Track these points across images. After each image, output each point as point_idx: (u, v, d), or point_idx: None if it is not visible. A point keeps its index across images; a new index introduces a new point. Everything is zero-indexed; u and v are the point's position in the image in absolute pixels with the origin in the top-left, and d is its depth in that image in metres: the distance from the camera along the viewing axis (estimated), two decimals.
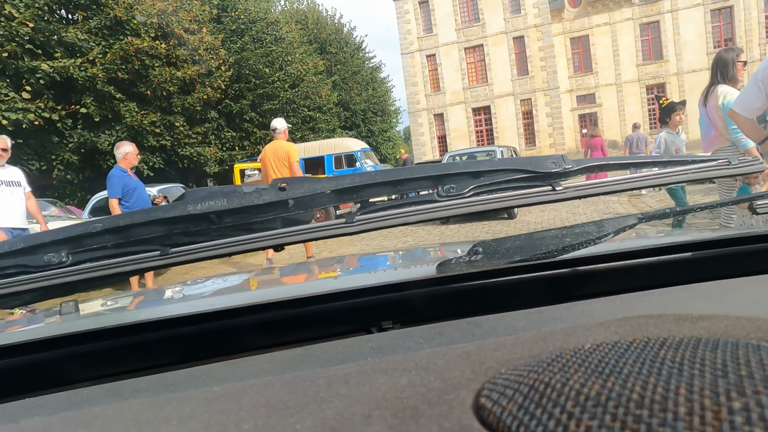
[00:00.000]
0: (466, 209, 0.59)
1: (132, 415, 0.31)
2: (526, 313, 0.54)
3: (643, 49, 27.58)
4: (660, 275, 0.66)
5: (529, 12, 27.49)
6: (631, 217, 0.75)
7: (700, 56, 26.52)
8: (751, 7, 25.40)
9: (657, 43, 27.35)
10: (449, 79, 29.19)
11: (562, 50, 28.50)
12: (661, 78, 27.26)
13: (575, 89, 28.95)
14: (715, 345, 0.26)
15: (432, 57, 29.57)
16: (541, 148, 27.55)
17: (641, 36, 27.54)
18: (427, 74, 29.72)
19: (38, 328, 0.84)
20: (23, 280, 0.54)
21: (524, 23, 27.60)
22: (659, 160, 0.70)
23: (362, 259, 1.51)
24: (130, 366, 0.58)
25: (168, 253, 0.56)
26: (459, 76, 29.03)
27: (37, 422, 0.33)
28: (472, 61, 28.99)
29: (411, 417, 0.25)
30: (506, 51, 27.96)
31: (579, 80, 28.91)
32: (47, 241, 0.57)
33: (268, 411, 0.28)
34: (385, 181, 0.61)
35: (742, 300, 0.51)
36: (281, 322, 0.62)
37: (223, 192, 0.60)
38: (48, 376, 0.57)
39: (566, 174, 0.62)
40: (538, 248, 0.70)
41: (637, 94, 27.81)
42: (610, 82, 28.21)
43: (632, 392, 0.21)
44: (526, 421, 0.21)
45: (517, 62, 28.00)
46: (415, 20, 29.45)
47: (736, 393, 0.20)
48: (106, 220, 0.59)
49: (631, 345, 0.27)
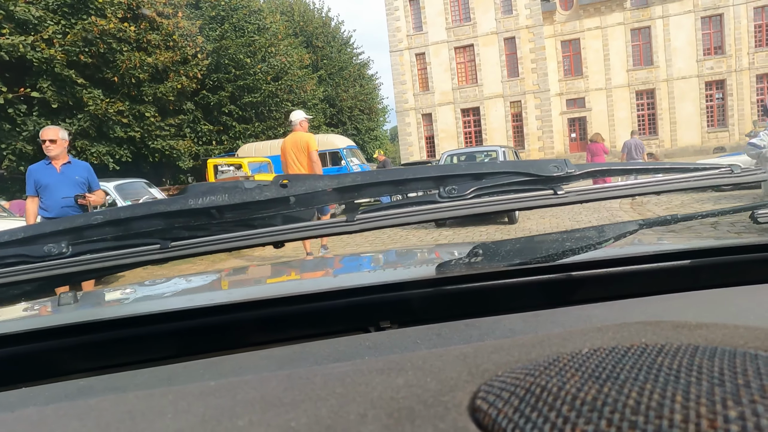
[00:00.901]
0: (468, 211, 0.59)
1: (127, 408, 0.31)
2: (523, 316, 0.55)
3: (633, 54, 27.46)
4: (659, 282, 0.67)
5: (521, 13, 27.09)
6: (632, 223, 0.76)
7: (689, 63, 26.50)
8: (740, 15, 25.46)
9: (648, 49, 27.25)
10: (438, 79, 28.68)
11: (553, 53, 28.19)
12: (651, 84, 27.17)
13: (565, 93, 28.68)
14: (713, 353, 0.26)
15: (421, 55, 28.99)
16: (530, 151, 27.17)
17: (632, 41, 27.41)
18: (415, 73, 29.14)
19: (36, 318, 0.84)
20: (23, 270, 0.54)
21: (516, 24, 27.20)
22: (662, 166, 0.70)
23: (361, 258, 1.50)
24: (127, 358, 0.59)
25: (168, 246, 0.56)
26: (448, 76, 28.52)
27: (32, 412, 0.33)
28: (462, 61, 28.52)
29: (406, 417, 0.25)
30: (497, 52, 27.53)
31: (569, 84, 28.65)
32: (47, 232, 0.58)
33: (263, 407, 0.28)
34: (387, 181, 0.62)
35: (740, 309, 0.52)
36: (279, 319, 0.62)
37: (224, 187, 0.61)
38: (45, 366, 0.58)
39: (568, 178, 0.62)
40: (538, 252, 0.70)
41: (626, 100, 27.66)
42: (600, 87, 28.01)
43: (628, 398, 0.21)
44: (522, 424, 0.21)
45: (507, 63, 27.59)
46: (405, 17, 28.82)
47: (732, 402, 0.20)
48: (107, 212, 0.60)
49: (629, 351, 0.27)
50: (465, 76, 28.57)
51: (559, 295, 0.66)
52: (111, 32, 12.08)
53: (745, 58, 25.59)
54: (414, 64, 29.12)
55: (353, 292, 0.64)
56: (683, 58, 26.51)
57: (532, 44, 27.01)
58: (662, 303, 0.55)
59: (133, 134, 13.48)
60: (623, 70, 27.60)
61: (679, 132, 26.86)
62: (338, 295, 0.64)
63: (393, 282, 0.65)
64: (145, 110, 13.46)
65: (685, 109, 26.68)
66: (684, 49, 26.47)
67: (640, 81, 27.39)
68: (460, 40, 28.12)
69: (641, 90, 27.48)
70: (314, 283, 1.02)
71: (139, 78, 13.10)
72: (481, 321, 0.54)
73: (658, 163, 0.75)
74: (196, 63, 14.94)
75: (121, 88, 13.02)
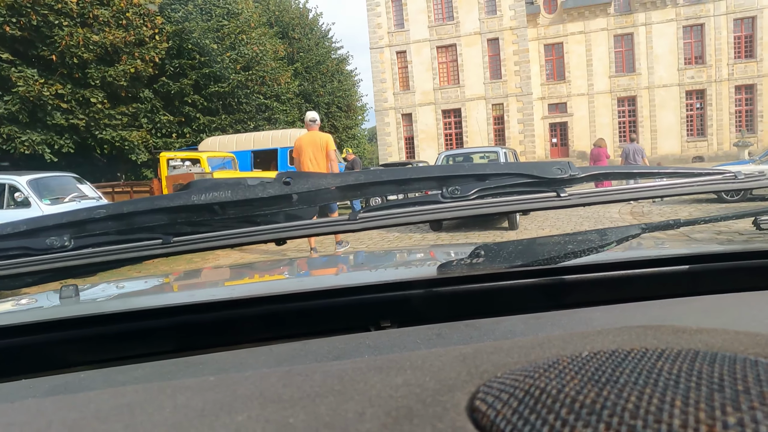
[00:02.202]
0: (471, 211, 0.59)
1: (126, 401, 0.31)
2: (524, 318, 0.55)
3: (616, 60, 27.27)
4: (660, 287, 0.67)
5: (505, 14, 26.51)
6: (635, 227, 0.75)
7: (671, 71, 26.47)
8: (721, 26, 25.57)
9: (630, 56, 27.11)
10: (419, 78, 27.85)
11: (536, 56, 27.73)
12: (633, 91, 27.02)
13: (547, 97, 28.26)
14: (713, 358, 0.26)
15: (402, 54, 28.08)
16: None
17: (615, 47, 27.22)
18: (396, 71, 28.22)
19: (38, 311, 0.84)
20: (25, 263, 0.55)
21: (499, 25, 26.60)
22: (665, 171, 0.70)
23: (363, 257, 1.52)
24: (128, 352, 0.59)
25: (170, 241, 0.56)
26: (430, 76, 27.72)
27: (31, 403, 0.33)
28: (444, 60, 27.77)
29: (405, 416, 0.25)
30: (480, 52, 26.87)
31: (551, 88, 28.25)
32: (50, 225, 0.58)
33: (262, 403, 0.28)
34: (390, 180, 0.62)
35: (741, 315, 0.52)
36: (279, 316, 0.63)
37: (227, 183, 0.61)
38: (45, 358, 0.58)
39: (572, 181, 0.62)
40: (540, 254, 0.70)
41: (608, 106, 27.43)
42: (582, 92, 27.71)
43: (627, 402, 0.21)
44: (520, 426, 0.21)
45: (490, 65, 26.97)
46: (386, 14, 27.86)
47: (731, 408, 0.20)
48: (110, 206, 0.59)
49: (629, 355, 0.27)
50: (447, 76, 27.86)
51: (560, 298, 0.66)
52: (47, 3, 10.43)
53: (724, 69, 25.71)
54: (394, 62, 28.21)
55: (354, 291, 0.64)
56: (665, 66, 26.48)
57: (515, 46, 26.46)
58: (663, 307, 0.56)
59: (76, 122, 11.79)
60: (605, 76, 27.39)
61: (659, 140, 26.79)
62: (339, 294, 0.64)
63: (394, 281, 0.65)
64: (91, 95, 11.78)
65: (665, 118, 26.63)
66: (666, 58, 26.44)
67: (622, 88, 27.22)
68: (443, 39, 27.38)
69: (623, 97, 27.32)
70: (315, 281, 1.03)
71: (84, 58, 11.44)
72: (482, 322, 0.54)
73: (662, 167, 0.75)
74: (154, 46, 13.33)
75: (60, 68, 11.34)
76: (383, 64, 28.31)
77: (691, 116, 26.76)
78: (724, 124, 25.96)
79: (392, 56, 28.20)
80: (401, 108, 28.39)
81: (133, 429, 0.26)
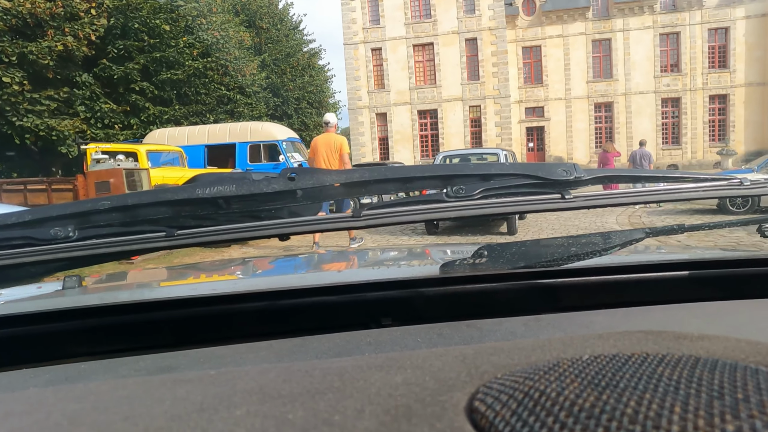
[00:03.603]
0: (474, 211, 0.59)
1: (126, 393, 0.31)
2: (525, 319, 0.55)
3: (594, 65, 26.95)
4: (662, 292, 0.67)
5: (484, 14, 25.71)
6: (639, 231, 0.76)
7: (647, 78, 26.32)
8: (696, 35, 25.62)
9: (607, 61, 26.84)
10: (395, 77, 26.71)
11: (514, 59, 27.07)
12: (610, 97, 26.74)
13: (524, 100, 27.65)
14: (713, 366, 0.26)
15: (377, 51, 26.87)
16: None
17: (593, 52, 26.89)
18: (371, 69, 26.97)
19: (40, 301, 0.83)
20: (28, 252, 0.55)
21: (478, 25, 25.78)
22: (671, 175, 0.70)
23: (366, 254, 1.50)
24: (129, 344, 0.59)
25: (174, 234, 0.56)
26: (406, 75, 26.62)
27: (32, 393, 0.33)
28: (421, 59, 26.75)
29: (403, 415, 0.25)
30: (457, 52, 25.97)
31: (529, 91, 27.66)
32: (54, 215, 0.58)
33: (261, 398, 0.28)
34: (395, 178, 0.62)
35: (743, 322, 0.52)
36: (280, 311, 0.63)
37: (232, 178, 0.61)
38: (47, 348, 0.58)
39: (577, 183, 0.62)
40: (542, 256, 0.70)
41: (585, 111, 27.05)
42: (559, 96, 27.23)
43: (627, 407, 0.21)
44: (519, 428, 0.21)
45: (468, 65, 26.11)
46: (361, 9, 26.60)
47: (730, 416, 0.20)
48: (114, 198, 0.59)
49: (629, 359, 0.27)
50: (423, 75, 26.83)
51: (561, 300, 0.66)
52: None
53: (699, 78, 25.75)
54: (369, 60, 26.97)
55: (356, 288, 0.64)
56: (641, 73, 26.31)
57: (494, 47, 25.71)
58: (665, 313, 0.56)
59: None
60: (583, 81, 27.01)
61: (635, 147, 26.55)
62: (341, 291, 0.64)
63: (396, 279, 0.66)
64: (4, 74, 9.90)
65: (641, 124, 26.44)
66: (642, 64, 26.27)
67: (599, 93, 26.90)
68: (420, 38, 26.35)
69: (600, 102, 27.01)
70: (317, 277, 1.02)
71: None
72: (483, 322, 0.54)
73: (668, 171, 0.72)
74: (90, 21, 11.54)
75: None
76: (357, 61, 27.02)
77: (666, 124, 26.70)
78: (698, 133, 26.01)
79: (367, 53, 26.96)
80: (376, 107, 27.17)
81: (132, 421, 0.26)
